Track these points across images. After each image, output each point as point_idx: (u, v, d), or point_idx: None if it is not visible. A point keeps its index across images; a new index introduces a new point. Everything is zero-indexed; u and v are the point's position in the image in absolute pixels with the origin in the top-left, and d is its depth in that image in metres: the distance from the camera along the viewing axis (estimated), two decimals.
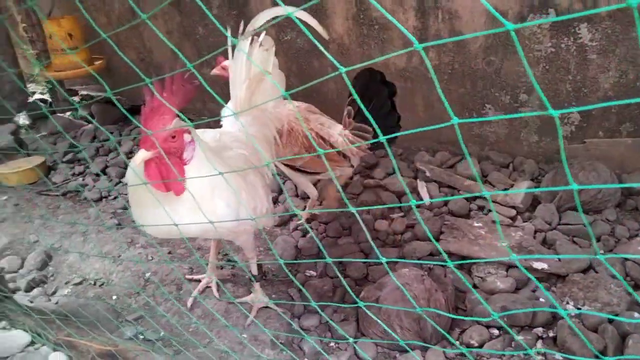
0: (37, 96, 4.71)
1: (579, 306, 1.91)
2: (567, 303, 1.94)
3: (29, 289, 2.25)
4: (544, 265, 2.06)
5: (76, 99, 4.62)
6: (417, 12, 2.67)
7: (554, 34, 2.45)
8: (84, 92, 4.76)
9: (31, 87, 4.88)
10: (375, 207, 0.97)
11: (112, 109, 3.93)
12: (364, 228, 0.85)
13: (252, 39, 1.73)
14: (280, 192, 2.85)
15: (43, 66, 4.08)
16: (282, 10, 1.54)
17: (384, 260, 0.79)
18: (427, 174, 2.72)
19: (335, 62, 0.69)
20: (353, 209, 0.80)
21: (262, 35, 1.80)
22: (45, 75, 4.23)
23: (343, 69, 0.66)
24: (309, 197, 2.54)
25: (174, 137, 1.37)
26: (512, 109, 2.69)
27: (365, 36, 2.90)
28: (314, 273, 2.23)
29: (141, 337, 1.88)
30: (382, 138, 0.73)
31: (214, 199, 1.48)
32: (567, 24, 2.41)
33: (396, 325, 1.80)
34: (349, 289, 0.97)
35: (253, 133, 1.88)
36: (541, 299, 1.99)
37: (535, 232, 2.31)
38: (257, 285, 2.02)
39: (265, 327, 1.89)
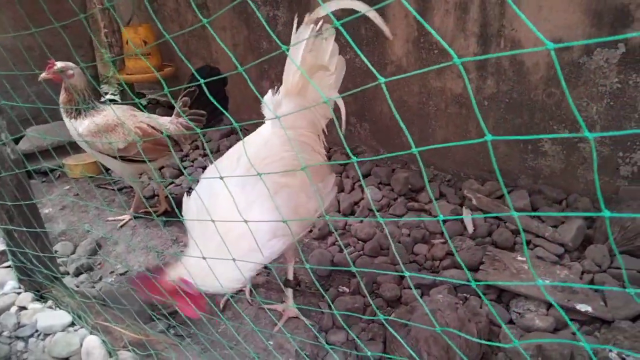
0: (108, 96, 5.02)
1: (624, 356, 1.79)
2: (610, 351, 1.81)
3: (77, 274, 2.39)
4: (588, 308, 1.95)
5: (143, 101, 4.89)
6: (479, 39, 2.65)
7: (622, 69, 2.35)
8: (151, 96, 5.03)
9: (104, 87, 5.21)
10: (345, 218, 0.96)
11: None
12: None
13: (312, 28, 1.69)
14: None
15: (117, 69, 4.36)
16: (348, 3, 1.54)
17: (407, 274, 0.79)
18: (474, 202, 2.66)
19: (377, 74, 0.70)
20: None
21: (320, 23, 1.73)
22: (118, 78, 4.51)
23: (382, 79, 0.67)
24: None
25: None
26: (571, 144, 2.59)
27: (424, 60, 2.90)
28: (346, 289, 2.22)
29: (172, 331, 1.94)
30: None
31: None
32: (638, 59, 2.31)
33: (424, 351, 1.75)
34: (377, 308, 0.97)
35: (297, 119, 1.87)
36: (582, 343, 1.87)
37: (583, 272, 2.19)
38: (289, 293, 2.03)
39: (290, 337, 1.89)
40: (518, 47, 2.56)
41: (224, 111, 1.16)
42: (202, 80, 1.03)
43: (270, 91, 1.87)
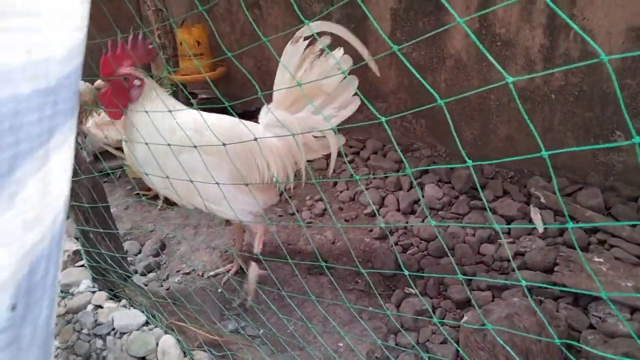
0: None
1: None
2: None
3: (145, 272, 2.44)
4: None
5: (195, 102, 4.96)
6: (546, 30, 2.53)
7: None
8: (204, 96, 5.10)
9: None
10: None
11: (227, 112, 4.16)
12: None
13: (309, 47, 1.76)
14: (382, 204, 2.84)
15: (172, 70, 4.44)
16: (331, 26, 1.63)
17: (524, 283, 0.74)
18: (542, 200, 2.55)
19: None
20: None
21: (341, 51, 1.79)
22: (172, 78, 4.60)
23: (511, 78, 0.63)
24: None
25: (125, 78, 1.74)
26: None
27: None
28: (412, 291, 2.18)
29: (242, 331, 1.95)
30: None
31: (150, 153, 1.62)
32: None
33: (501, 356, 1.69)
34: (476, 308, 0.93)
35: (276, 135, 1.86)
36: None
37: None
38: (253, 265, 2.08)
39: (361, 339, 1.87)
40: (590, 37, 2.42)
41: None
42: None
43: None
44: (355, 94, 1.92)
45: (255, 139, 1.23)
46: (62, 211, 0.42)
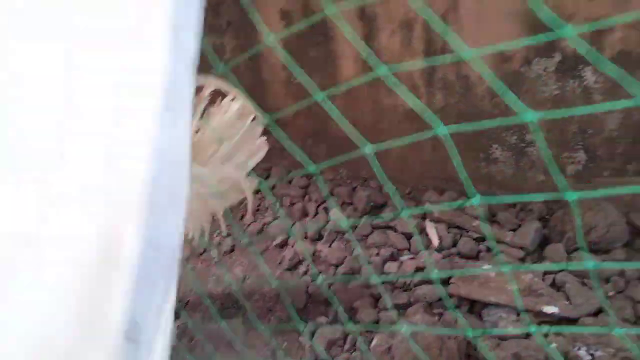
0: None
1: (592, 351, 1.91)
2: (579, 349, 1.93)
3: None
4: (555, 309, 2.06)
5: None
6: (425, 56, 2.74)
7: (559, 76, 2.50)
8: None
9: None
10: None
11: None
12: None
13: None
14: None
15: None
16: (208, 80, 1.63)
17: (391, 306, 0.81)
18: (436, 214, 2.74)
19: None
20: None
21: (239, 101, 1.78)
22: None
23: (370, 148, 0.69)
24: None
25: None
26: (519, 149, 2.73)
27: (375, 78, 2.96)
28: (324, 319, 2.24)
29: None
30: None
31: None
32: (572, 67, 2.46)
33: None
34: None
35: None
36: (553, 344, 1.98)
37: (545, 273, 2.31)
38: None
39: None
40: (462, 62, 2.67)
41: None
42: None
43: None
44: (266, 139, 1.93)
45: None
46: None
